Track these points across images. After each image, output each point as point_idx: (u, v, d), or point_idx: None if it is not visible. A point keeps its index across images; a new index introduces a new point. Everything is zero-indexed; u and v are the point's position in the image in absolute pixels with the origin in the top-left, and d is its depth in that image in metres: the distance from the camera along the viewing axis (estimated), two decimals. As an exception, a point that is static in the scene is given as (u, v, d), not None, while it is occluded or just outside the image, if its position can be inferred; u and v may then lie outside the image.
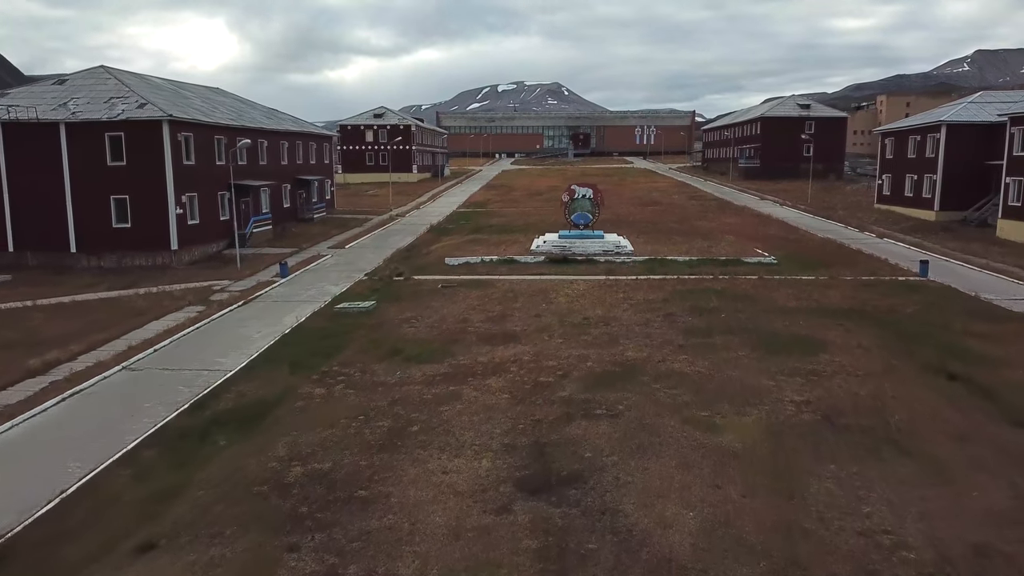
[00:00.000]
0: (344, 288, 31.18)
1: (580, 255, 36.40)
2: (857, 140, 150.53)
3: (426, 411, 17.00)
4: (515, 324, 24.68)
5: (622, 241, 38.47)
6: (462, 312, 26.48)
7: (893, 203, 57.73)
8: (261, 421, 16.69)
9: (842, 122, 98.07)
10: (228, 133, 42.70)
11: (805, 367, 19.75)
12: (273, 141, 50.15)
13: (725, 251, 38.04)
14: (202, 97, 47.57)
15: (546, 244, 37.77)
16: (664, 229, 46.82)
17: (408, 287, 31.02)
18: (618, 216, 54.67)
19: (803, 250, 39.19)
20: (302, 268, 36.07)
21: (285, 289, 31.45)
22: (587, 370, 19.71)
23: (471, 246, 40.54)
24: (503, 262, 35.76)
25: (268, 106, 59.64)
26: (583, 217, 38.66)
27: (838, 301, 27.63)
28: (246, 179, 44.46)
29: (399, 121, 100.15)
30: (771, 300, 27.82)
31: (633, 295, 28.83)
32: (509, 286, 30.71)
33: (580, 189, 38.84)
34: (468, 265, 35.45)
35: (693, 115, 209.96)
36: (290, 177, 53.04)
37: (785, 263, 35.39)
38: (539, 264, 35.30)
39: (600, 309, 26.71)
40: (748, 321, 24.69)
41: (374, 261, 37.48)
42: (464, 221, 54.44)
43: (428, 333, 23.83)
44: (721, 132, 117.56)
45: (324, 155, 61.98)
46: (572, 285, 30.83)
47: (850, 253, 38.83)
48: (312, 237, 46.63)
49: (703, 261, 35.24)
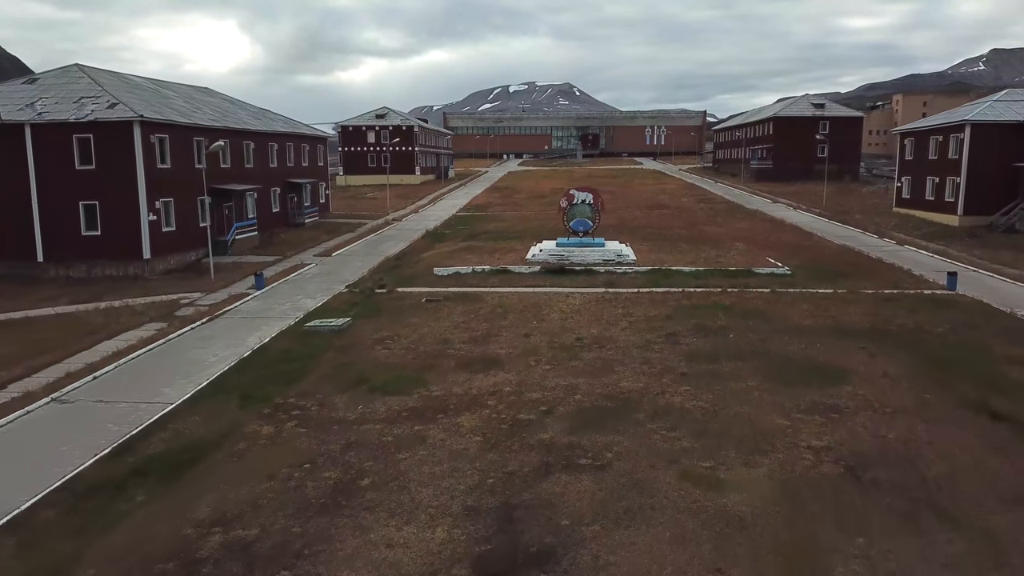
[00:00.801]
0: (321, 302, 28.88)
1: (578, 265, 33.96)
2: (872, 140, 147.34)
3: (383, 458, 14.64)
4: (500, 346, 22.29)
5: (624, 249, 35.96)
6: (444, 331, 24.11)
7: (913, 207, 54.91)
8: (191, 469, 14.38)
9: (857, 122, 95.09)
10: (209, 134, 40.52)
11: (824, 401, 17.26)
12: (260, 143, 47.97)
13: (735, 261, 35.48)
14: (185, 97, 45.43)
15: (543, 253, 35.32)
16: (670, 236, 44.28)
17: (390, 301, 28.67)
18: (622, 221, 52.19)
19: (819, 259, 36.58)
20: (281, 279, 33.80)
21: (257, 303, 29.18)
22: (575, 405, 17.29)
23: (464, 254, 38.16)
24: (496, 272, 33.36)
25: (261, 107, 57.55)
26: (582, 224, 36.17)
27: (859, 319, 25.07)
28: (229, 183, 42.30)
29: (401, 122, 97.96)
30: (785, 317, 25.31)
31: (633, 311, 26.38)
32: (499, 300, 28.32)
33: (579, 194, 36.32)
34: (458, 276, 33.08)
35: (704, 115, 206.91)
36: (280, 180, 50.86)
37: (800, 274, 32.82)
38: (534, 275, 32.88)
39: (596, 328, 24.28)
40: (759, 343, 22.20)
41: (359, 271, 35.18)
42: (462, 226, 52.09)
43: (402, 357, 21.48)
44: (732, 132, 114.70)
45: (318, 157, 59.77)
46: (568, 299, 28.41)
47: (869, 262, 36.19)
48: (300, 244, 44.41)
49: (711, 272, 32.71)
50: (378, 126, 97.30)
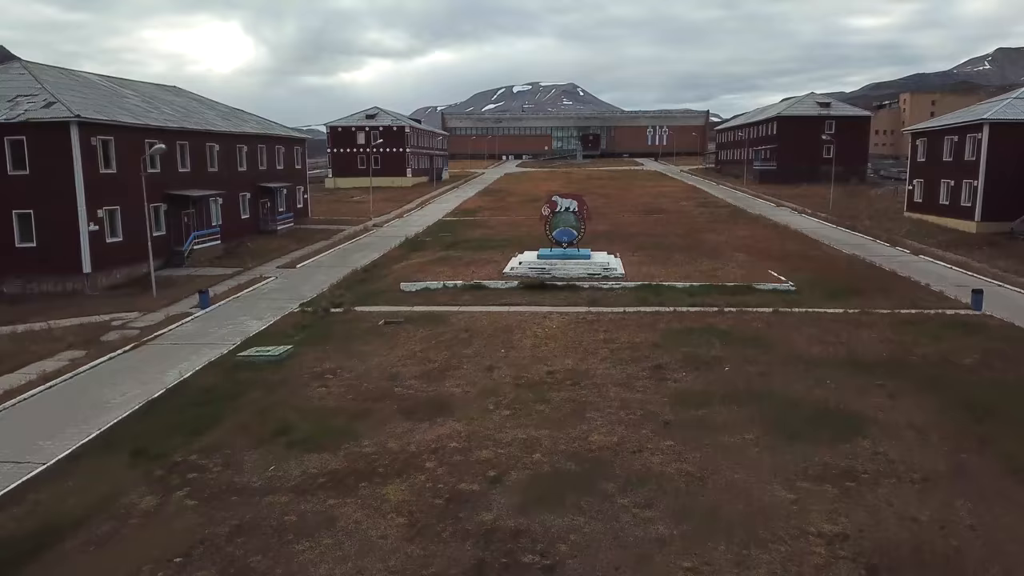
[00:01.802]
0: (267, 324, 25.74)
1: (561, 280, 30.76)
2: (879, 140, 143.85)
3: (275, 550, 11.48)
4: (457, 383, 19.13)
5: (612, 262, 32.70)
6: (396, 362, 20.96)
7: (926, 211, 51.58)
8: (28, 566, 11.25)
9: (865, 121, 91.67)
10: (165, 136, 37.41)
11: (838, 463, 14.08)
12: (227, 145, 44.86)
13: (734, 274, 32.24)
14: (145, 97, 42.36)
15: (522, 266, 32.11)
16: (665, 244, 41.03)
17: (344, 324, 25.51)
18: (616, 227, 48.97)
19: (827, 272, 33.31)
20: (232, 296, 30.63)
21: (196, 326, 26.04)
22: (531, 468, 14.12)
23: (438, 266, 34.99)
24: (469, 288, 30.18)
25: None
26: (566, 234, 32.92)
27: (874, 347, 21.85)
28: (189, 188, 39.21)
29: (392, 122, 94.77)
30: (789, 344, 22.10)
31: (616, 336, 23.21)
32: (467, 322, 25.16)
33: (563, 201, 33.04)
34: (427, 292, 29.92)
35: (707, 115, 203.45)
36: (250, 185, 47.76)
37: (806, 290, 29.59)
38: (511, 291, 29.69)
39: (572, 358, 21.11)
40: (759, 379, 19.01)
41: (321, 285, 32.03)
42: (445, 233, 48.91)
43: (339, 397, 18.32)
44: (735, 133, 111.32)
45: (296, 159, 56.64)
46: (544, 321, 25.23)
47: (883, 276, 32.92)
48: (266, 253, 41.27)
49: (707, 288, 29.48)
50: (368, 127, 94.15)
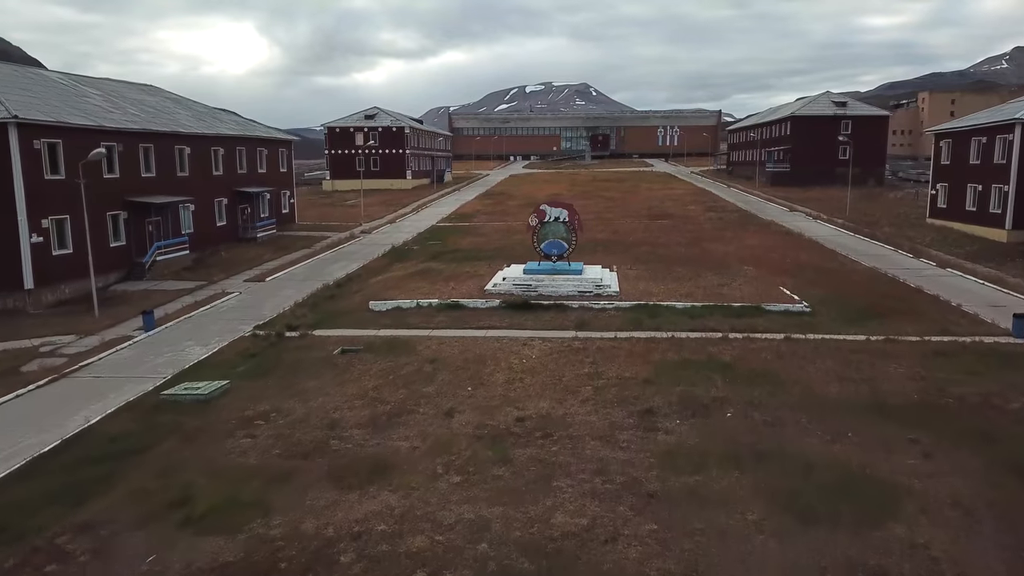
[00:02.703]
0: (211, 351, 22.85)
1: (548, 298, 27.70)
2: (897, 141, 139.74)
3: None
4: (406, 434, 16.14)
5: (605, 278, 29.53)
6: (342, 404, 18.01)
7: (950, 218, 48.11)
8: None
9: (883, 121, 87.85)
10: (126, 139, 34.70)
11: (865, 561, 11.02)
12: (200, 148, 42.07)
13: (741, 292, 29.04)
14: (110, 96, 39.64)
15: (506, 282, 29.01)
16: (667, 256, 37.85)
17: (295, 351, 22.57)
18: (616, 235, 45.83)
19: (845, 288, 30.06)
20: (183, 315, 27.75)
21: (132, 352, 23.18)
22: (473, 566, 11.11)
23: (416, 281, 31.99)
24: (445, 308, 27.15)
25: (214, 107, 51.80)
26: (556, 246, 29.80)
27: (902, 385, 18.68)
28: (153, 195, 36.43)
29: (392, 123, 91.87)
30: (802, 382, 18.97)
31: (604, 369, 20.16)
32: (436, 350, 22.16)
33: (551, 210, 29.91)
34: (398, 312, 26.93)
35: (719, 115, 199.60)
36: (227, 190, 44.97)
37: (822, 311, 26.37)
38: (491, 311, 26.64)
39: (548, 399, 18.09)
40: (766, 431, 15.92)
41: (284, 303, 29.12)
42: (434, 241, 45.93)
43: (263, 453, 15.38)
44: (746, 133, 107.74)
45: (280, 162, 53.82)
46: (523, 349, 22.19)
47: (907, 293, 29.64)
48: (238, 264, 38.43)
49: (710, 309, 26.31)
50: (367, 127, 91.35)
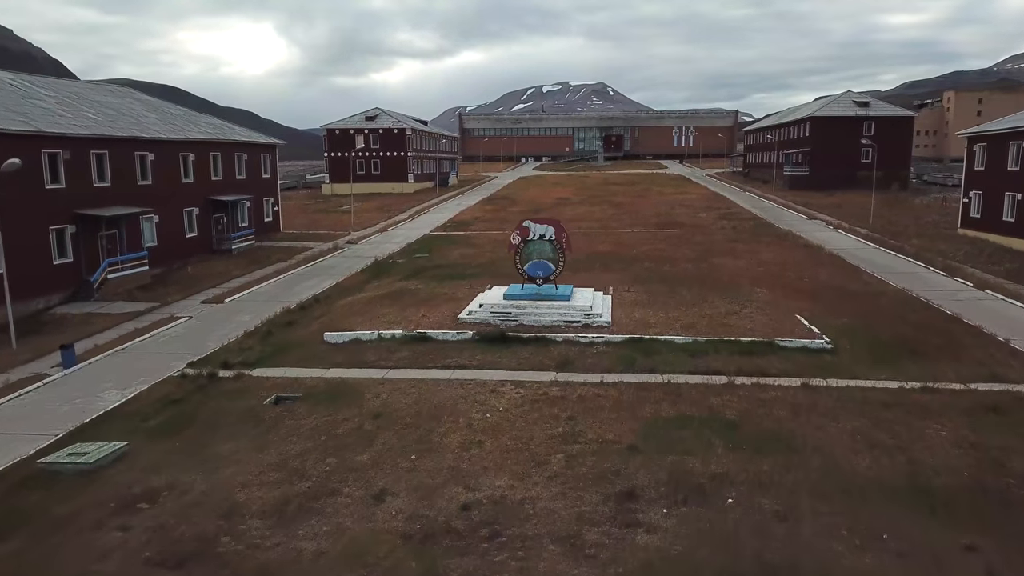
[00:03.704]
0: (128, 397, 19.60)
1: (529, 329, 24.20)
2: (920, 142, 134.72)
3: None
4: (315, 530, 12.77)
5: (596, 303, 25.94)
6: (253, 479, 14.67)
7: (985, 229, 44.05)
8: None
9: (907, 122, 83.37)
10: (75, 145, 31.64)
11: None
12: (167, 153, 38.97)
13: (752, 322, 25.36)
14: (65, 98, 36.63)
15: (483, 309, 25.52)
16: (672, 274, 34.19)
17: (222, 399, 19.24)
18: (619, 247, 42.22)
19: (871, 316, 26.29)
20: (116, 347, 24.47)
21: (39, 397, 19.95)
22: None
23: (385, 305, 28.57)
24: (410, 340, 23.72)
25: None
26: (541, 267, 26.28)
27: (948, 458, 15.06)
28: (107, 206, 33.35)
29: (393, 124, 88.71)
30: (824, 451, 15.39)
31: (583, 429, 16.70)
32: (385, 401, 18.77)
33: (536, 227, 26.38)
34: (355, 346, 23.55)
35: (736, 115, 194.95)
36: (199, 198, 41.88)
37: (846, 347, 22.67)
38: (462, 345, 23.18)
39: (507, 474, 14.68)
40: (777, 531, 12.40)
41: (234, 331, 25.84)
42: (420, 254, 42.54)
43: (127, 559, 12.10)
44: (763, 134, 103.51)
45: (262, 168, 50.67)
46: (491, 399, 18.75)
47: (944, 323, 25.82)
48: (202, 281, 35.23)
49: (714, 345, 22.66)
50: (367, 129, 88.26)
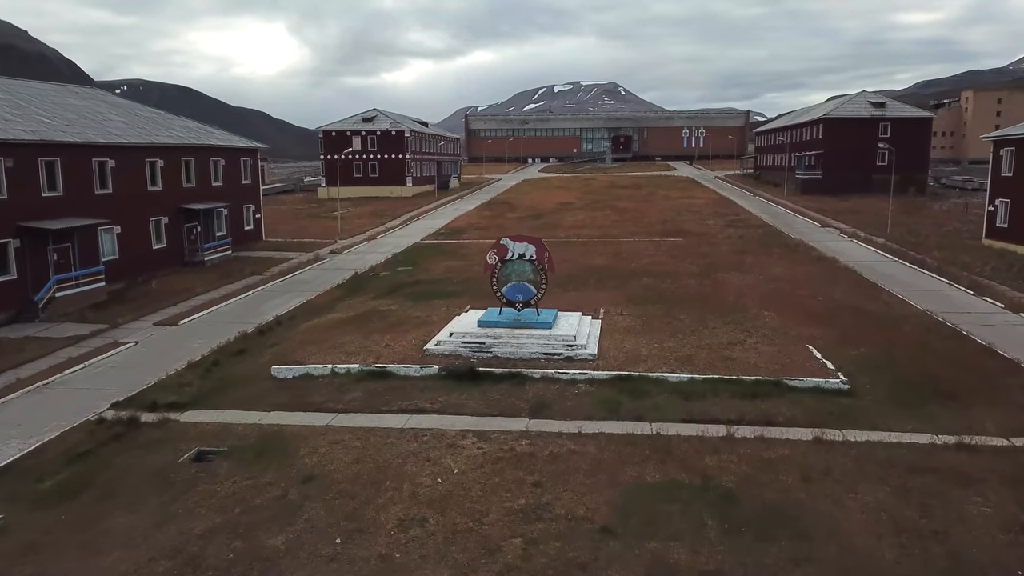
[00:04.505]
0: (31, 447, 16.92)
1: (504, 363, 21.36)
2: (937, 143, 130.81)
3: None
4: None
5: (582, 332, 23.03)
6: (139, 567, 11.97)
7: (1013, 240, 40.89)
8: None
9: (925, 123, 79.97)
10: (16, 152, 29.11)
11: None
12: (130, 160, 36.38)
13: (757, 355, 22.39)
14: (17, 100, 34.13)
15: (454, 338, 22.69)
16: (671, 293, 31.26)
17: (135, 452, 16.53)
18: (618, 259, 39.32)
19: (893, 347, 23.25)
20: (41, 380, 21.70)
21: (-75, 448, 17.32)
22: None
23: (348, 332, 25.80)
24: (367, 376, 20.90)
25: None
26: (521, 290, 23.43)
27: (996, 548, 12.18)
28: (58, 217, 30.79)
29: (391, 126, 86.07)
30: (840, 537, 12.54)
31: (550, 501, 13.91)
32: (322, 458, 16.01)
33: (515, 245, 23.51)
34: (305, 382, 20.79)
35: (747, 115, 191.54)
36: (169, 207, 39.29)
37: (865, 385, 19.72)
38: (425, 383, 20.36)
39: (449, 567, 11.94)
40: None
41: (177, 361, 23.11)
42: (404, 267, 39.79)
43: None
44: (774, 136, 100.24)
45: (243, 174, 48.06)
46: (446, 456, 15.94)
47: (976, 355, 22.76)
48: (162, 299, 32.57)
49: (714, 384, 19.72)
50: (364, 131, 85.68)
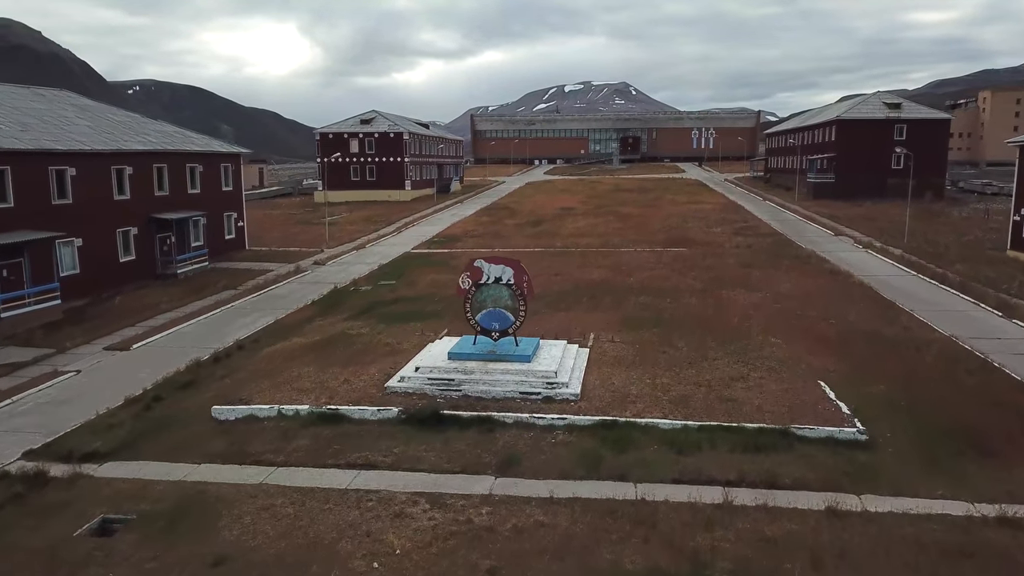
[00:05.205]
0: (-90, 513, 14.61)
1: (475, 403, 18.91)
2: (953, 144, 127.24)
3: None
4: None
5: (566, 364, 20.51)
6: None
7: (1042, 252, 38.10)
8: None
9: (943, 125, 76.95)
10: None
11: None
12: (94, 167, 34.16)
13: (762, 394, 19.81)
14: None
15: (419, 374, 20.24)
16: (670, 313, 28.69)
17: (29, 520, 14.19)
18: (616, 272, 36.76)
19: (916, 383, 20.61)
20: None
21: None
22: None
23: (309, 360, 23.38)
24: (317, 420, 18.45)
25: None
26: (497, 318, 20.94)
27: None
28: (14, 230, 28.62)
29: (389, 128, 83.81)
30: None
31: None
32: (244, 529, 13.60)
33: (490, 268, 20.99)
34: (247, 425, 18.40)
35: (758, 116, 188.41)
36: (139, 217, 37.07)
37: (885, 435, 17.13)
38: (382, 429, 17.92)
39: None
40: None
41: (115, 397, 20.79)
42: (387, 281, 37.38)
43: None
44: (785, 138, 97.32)
45: (223, 180, 45.81)
46: (389, 532, 13.50)
47: (1013, 395, 20.03)
48: (123, 317, 30.30)
49: (711, 433, 17.15)
50: (362, 133, 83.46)
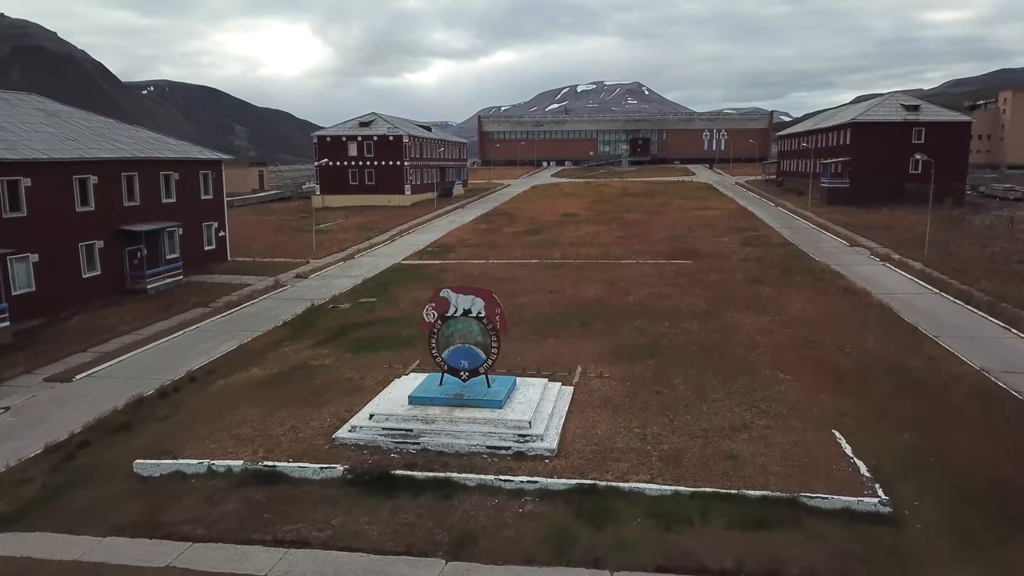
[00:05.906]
0: None
1: (435, 459, 16.42)
2: (972, 146, 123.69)
3: None
4: None
5: (543, 409, 17.94)
6: None
7: (1076, 268, 35.19)
8: None
9: (963, 128, 73.81)
10: None
11: None
12: (53, 177, 31.96)
13: (768, 449, 17.20)
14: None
15: (373, 422, 17.76)
16: (668, 341, 26.06)
17: None
18: (613, 290, 34.17)
19: (945, 431, 17.95)
20: None
21: None
22: None
23: (258, 400, 20.99)
24: (250, 479, 16.04)
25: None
26: (467, 355, 18.44)
27: None
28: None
29: (389, 131, 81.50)
30: None
31: None
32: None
33: (458, 298, 18.45)
34: (172, 485, 16.02)
35: (771, 117, 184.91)
36: (105, 229, 34.86)
37: (912, 505, 14.52)
38: (324, 490, 15.48)
39: None
40: None
41: (42, 439, 18.46)
42: (367, 298, 34.94)
43: None
44: (799, 140, 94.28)
45: (202, 188, 43.58)
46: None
47: (1058, 447, 17.40)
48: (78, 341, 28.02)
49: (705, 503, 14.58)
50: (361, 136, 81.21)
